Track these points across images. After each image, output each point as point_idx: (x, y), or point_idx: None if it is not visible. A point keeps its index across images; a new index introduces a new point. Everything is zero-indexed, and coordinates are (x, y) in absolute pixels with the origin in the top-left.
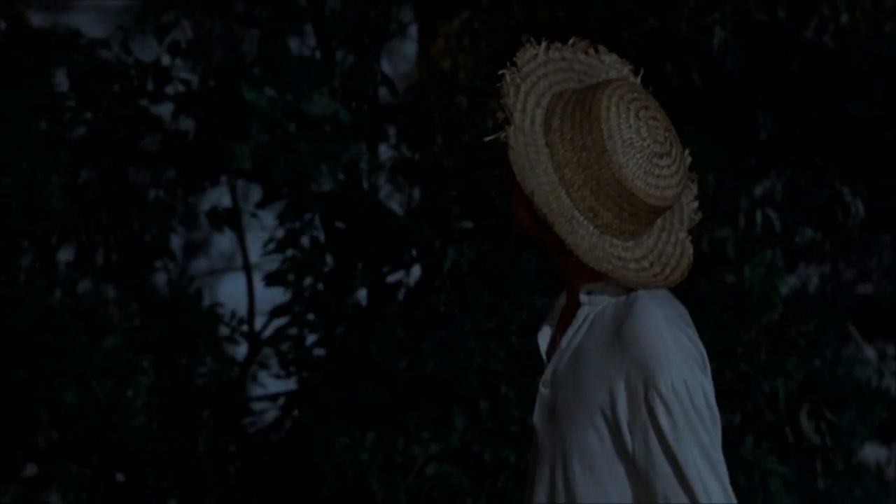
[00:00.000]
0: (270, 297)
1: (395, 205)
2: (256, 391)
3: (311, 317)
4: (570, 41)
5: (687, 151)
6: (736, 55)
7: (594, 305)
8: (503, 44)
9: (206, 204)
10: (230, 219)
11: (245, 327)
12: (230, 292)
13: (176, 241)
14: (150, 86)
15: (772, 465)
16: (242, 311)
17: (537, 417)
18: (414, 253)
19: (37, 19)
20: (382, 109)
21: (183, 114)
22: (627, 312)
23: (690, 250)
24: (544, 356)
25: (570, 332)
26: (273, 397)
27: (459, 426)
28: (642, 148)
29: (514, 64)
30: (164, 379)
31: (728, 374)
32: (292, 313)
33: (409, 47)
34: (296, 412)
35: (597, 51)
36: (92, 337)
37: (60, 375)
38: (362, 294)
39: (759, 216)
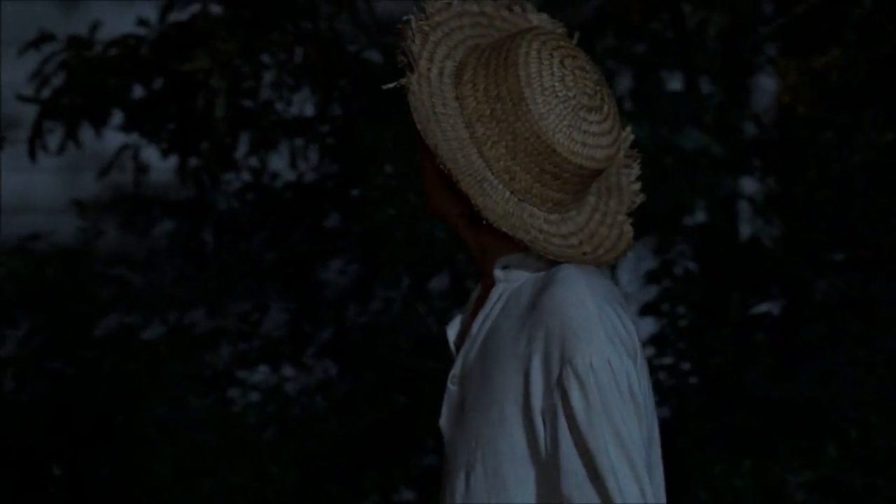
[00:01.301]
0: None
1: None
2: None
3: (681, 345)
4: None
5: (629, 129)
6: None
7: (510, 282)
8: (865, 79)
9: None
10: None
11: None
12: None
13: None
14: None
15: None
16: None
17: (444, 420)
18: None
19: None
20: (748, 143)
21: None
22: (548, 282)
23: (630, 233)
24: (453, 348)
25: (480, 316)
26: None
27: (831, 454)
28: (566, 98)
29: (421, 11)
30: None
31: None
32: (666, 342)
33: (768, 81)
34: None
35: (524, 9)
36: None
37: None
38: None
39: None
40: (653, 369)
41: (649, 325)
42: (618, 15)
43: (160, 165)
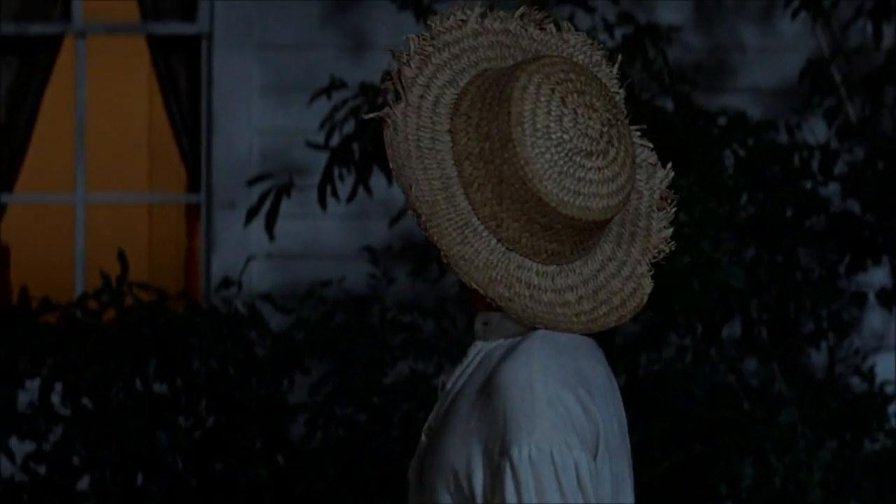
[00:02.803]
0: None
1: None
2: None
3: None
4: (519, 10)
5: (670, 165)
6: None
7: (488, 341)
8: None
9: (852, 283)
10: None
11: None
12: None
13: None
14: (814, 167)
15: None
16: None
17: (412, 470)
18: None
19: (697, 100)
20: None
21: (849, 195)
22: (511, 351)
23: (648, 289)
24: (440, 395)
25: (457, 371)
26: None
27: None
28: (561, 141)
29: (427, 29)
30: (837, 454)
31: None
32: None
33: None
34: None
35: (559, 27)
36: (767, 412)
37: (739, 450)
38: None
39: None
40: None
41: None
42: None
43: None
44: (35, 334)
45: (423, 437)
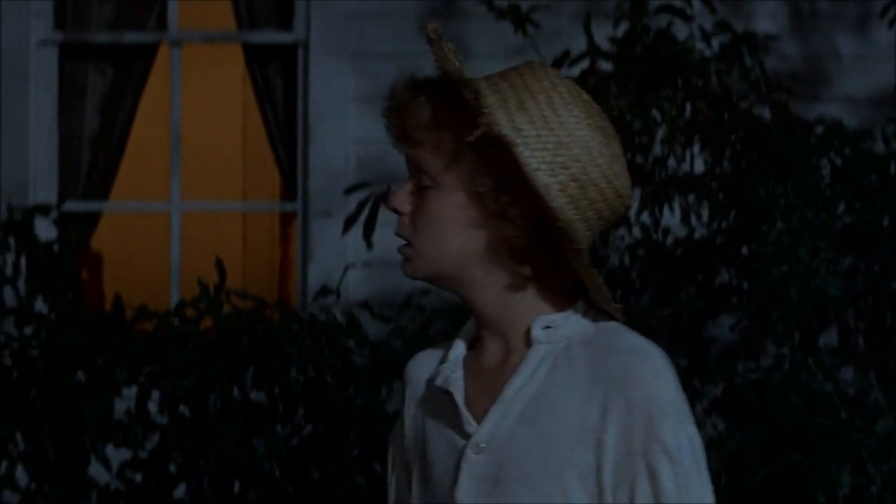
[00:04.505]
0: None
1: None
2: None
3: None
4: (432, 24)
5: None
6: None
7: (553, 343)
8: None
9: None
10: None
11: None
12: None
13: None
14: None
15: None
16: None
17: (467, 492)
18: None
19: (794, 108)
20: None
21: None
22: (611, 348)
23: None
24: (464, 410)
25: (518, 379)
26: None
27: None
28: (616, 137)
29: (438, 37)
30: None
31: None
32: None
33: None
34: None
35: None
36: (865, 421)
37: (837, 459)
38: None
39: None
40: None
41: None
42: None
43: None
44: (132, 342)
45: (474, 455)
